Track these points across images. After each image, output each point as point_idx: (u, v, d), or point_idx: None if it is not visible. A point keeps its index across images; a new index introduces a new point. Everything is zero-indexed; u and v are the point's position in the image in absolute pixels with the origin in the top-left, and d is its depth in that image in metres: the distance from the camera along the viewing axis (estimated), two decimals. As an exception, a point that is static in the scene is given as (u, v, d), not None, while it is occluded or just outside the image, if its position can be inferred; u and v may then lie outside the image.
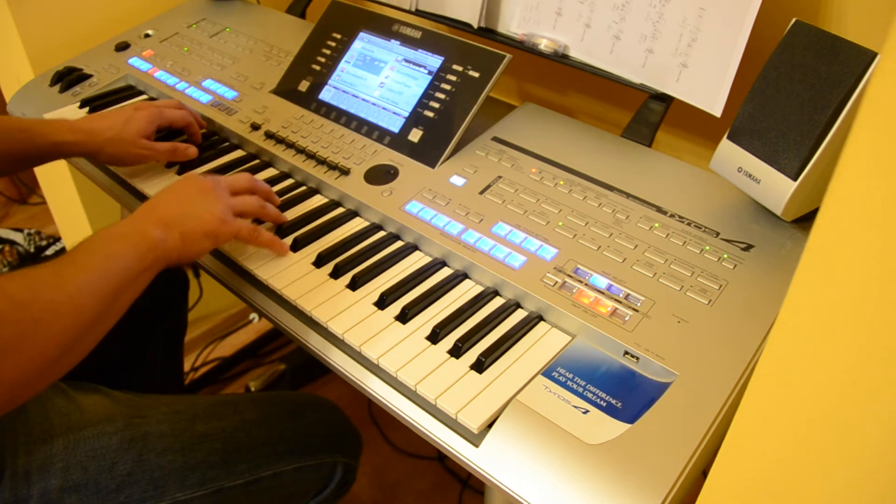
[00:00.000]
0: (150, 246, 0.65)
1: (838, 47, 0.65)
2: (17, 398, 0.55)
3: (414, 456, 1.45)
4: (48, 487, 0.68)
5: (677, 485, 0.53)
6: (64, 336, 0.57)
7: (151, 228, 0.67)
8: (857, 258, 0.32)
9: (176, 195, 0.72)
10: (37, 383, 0.56)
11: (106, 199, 1.09)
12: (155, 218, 0.68)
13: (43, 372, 0.56)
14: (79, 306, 0.58)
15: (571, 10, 0.92)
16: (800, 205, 0.70)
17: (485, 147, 0.88)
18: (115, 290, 0.61)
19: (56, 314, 0.56)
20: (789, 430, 0.38)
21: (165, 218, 0.68)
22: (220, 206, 0.73)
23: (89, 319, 0.59)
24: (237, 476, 0.78)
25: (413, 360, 0.65)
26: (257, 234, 0.76)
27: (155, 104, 0.94)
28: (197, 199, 0.73)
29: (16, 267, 1.87)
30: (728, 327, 0.64)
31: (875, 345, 0.33)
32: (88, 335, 0.60)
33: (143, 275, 0.65)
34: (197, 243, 0.70)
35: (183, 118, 0.95)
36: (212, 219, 0.71)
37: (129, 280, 0.63)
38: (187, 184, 0.75)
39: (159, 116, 0.92)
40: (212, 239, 0.72)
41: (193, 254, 0.70)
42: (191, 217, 0.70)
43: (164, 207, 0.70)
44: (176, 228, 0.68)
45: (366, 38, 0.98)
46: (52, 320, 0.56)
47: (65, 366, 0.58)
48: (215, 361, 1.67)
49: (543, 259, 0.72)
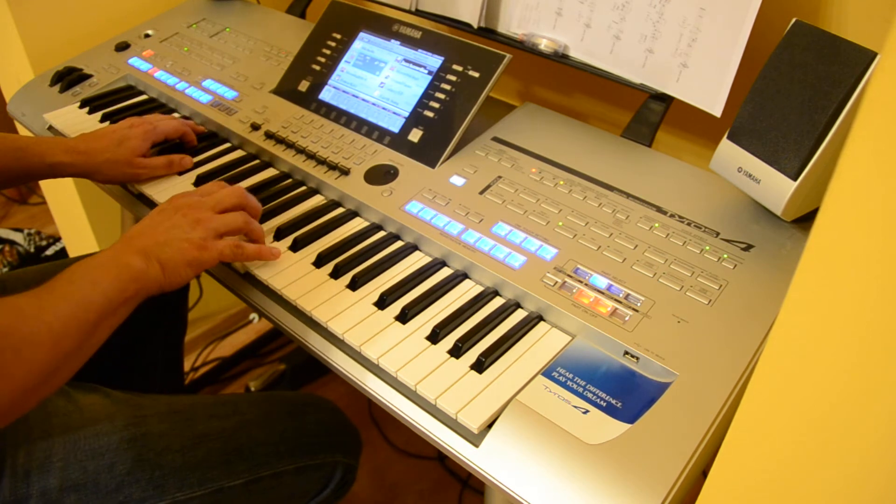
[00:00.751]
0: (131, 277, 0.64)
1: (838, 47, 0.65)
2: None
3: (414, 456, 1.45)
4: (48, 487, 0.68)
5: (677, 485, 0.53)
6: (42, 366, 0.56)
7: (133, 258, 0.65)
8: (857, 258, 0.32)
9: (157, 222, 0.71)
10: (12, 412, 0.56)
11: (106, 200, 1.09)
12: (136, 248, 0.67)
13: (19, 401, 0.55)
14: (58, 336, 0.57)
15: (571, 10, 0.92)
16: (800, 205, 0.70)
17: (485, 147, 0.88)
18: (96, 320, 0.60)
19: (35, 345, 0.56)
20: (789, 430, 0.38)
21: (146, 248, 0.67)
22: (200, 231, 0.71)
23: (68, 349, 0.58)
24: (237, 476, 0.78)
25: (413, 360, 0.65)
26: (241, 251, 0.74)
27: (148, 120, 0.93)
28: (177, 226, 0.71)
29: (16, 267, 1.87)
30: (728, 327, 0.64)
31: (875, 345, 0.33)
32: (67, 365, 0.59)
33: (125, 305, 0.64)
34: (178, 272, 0.69)
35: (177, 129, 0.95)
36: (190, 247, 0.70)
37: (110, 311, 0.62)
38: (169, 208, 0.73)
39: (154, 132, 0.92)
40: (194, 267, 0.70)
41: (176, 282, 0.69)
42: (171, 246, 0.69)
43: (144, 237, 0.69)
44: (156, 258, 0.67)
45: (366, 38, 0.98)
46: (32, 351, 0.55)
47: (45, 392, 0.58)
48: (215, 361, 1.67)
49: (543, 259, 0.72)
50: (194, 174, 0.92)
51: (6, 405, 0.54)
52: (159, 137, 0.93)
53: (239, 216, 0.76)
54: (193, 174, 0.92)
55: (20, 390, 0.55)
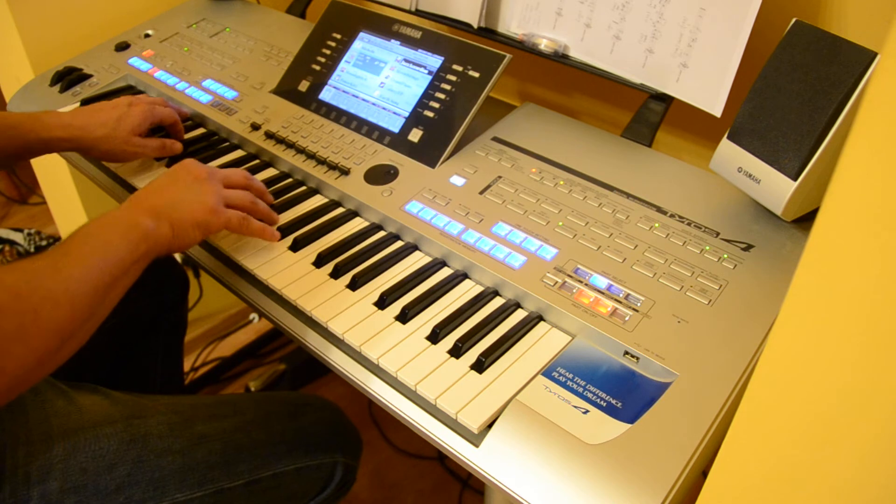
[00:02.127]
0: (141, 236, 0.65)
1: (838, 47, 0.65)
2: (17, 388, 0.56)
3: (414, 456, 1.45)
4: (48, 489, 0.68)
5: (677, 485, 0.53)
6: (62, 326, 0.57)
7: (142, 218, 0.67)
8: (857, 258, 0.32)
9: (168, 183, 0.72)
10: (36, 373, 0.57)
11: (106, 199, 1.09)
12: (146, 207, 0.68)
13: (42, 362, 0.56)
14: (75, 296, 0.58)
15: (571, 10, 0.92)
16: (800, 205, 0.70)
17: (485, 147, 0.88)
18: (110, 280, 0.62)
19: (54, 305, 0.57)
20: (789, 430, 0.38)
21: (156, 207, 0.68)
22: (212, 196, 0.73)
23: (85, 309, 0.59)
24: (237, 476, 0.78)
25: (413, 360, 0.65)
26: (247, 223, 0.76)
27: (147, 100, 0.94)
28: (189, 188, 0.72)
29: (16, 267, 1.87)
30: (728, 327, 0.64)
31: (875, 345, 0.33)
32: (85, 325, 0.60)
33: (136, 264, 0.65)
34: (187, 233, 0.70)
35: (171, 116, 0.96)
36: (202, 208, 0.71)
37: (123, 270, 0.63)
38: (182, 171, 0.74)
39: (152, 114, 0.92)
40: (202, 229, 0.71)
41: (184, 244, 0.70)
42: (181, 206, 0.70)
43: (156, 196, 0.70)
44: (166, 218, 0.68)
45: (366, 38, 0.98)
46: (51, 311, 0.56)
47: (63, 355, 0.59)
48: (215, 361, 1.67)
49: (543, 259, 0.72)
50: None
51: (30, 365, 0.55)
52: (157, 120, 0.94)
53: (246, 195, 0.78)
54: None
55: (41, 351, 0.56)
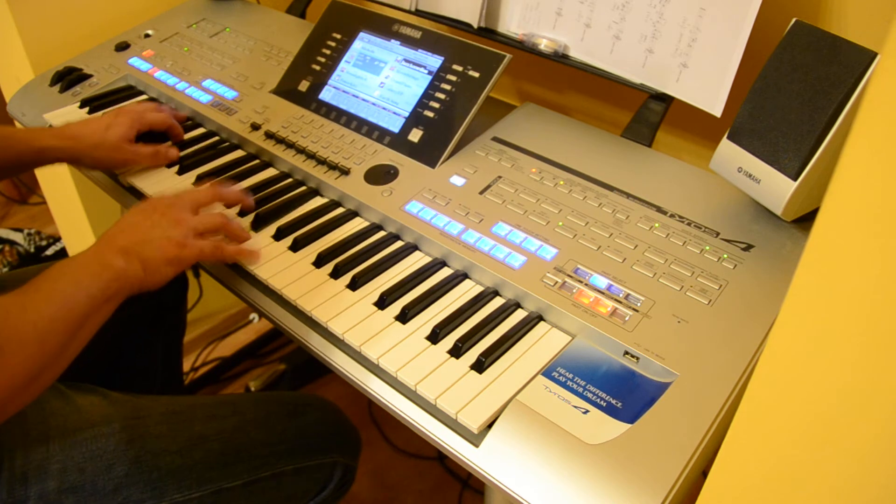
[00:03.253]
0: (112, 276, 0.65)
1: (838, 47, 0.65)
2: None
3: (414, 456, 1.45)
4: (45, 489, 0.68)
5: (677, 485, 0.53)
6: (29, 363, 0.57)
7: (113, 258, 0.66)
8: (857, 258, 0.32)
9: (137, 222, 0.72)
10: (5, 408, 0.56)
11: (106, 199, 1.09)
12: (116, 247, 0.68)
13: (11, 397, 0.56)
14: (43, 334, 0.58)
15: (571, 10, 0.92)
16: (800, 205, 0.70)
17: (485, 147, 0.88)
18: (79, 319, 0.61)
19: (20, 343, 0.56)
20: (789, 430, 0.38)
21: (126, 247, 0.68)
22: (180, 229, 0.72)
23: (53, 348, 0.59)
24: (236, 477, 0.78)
25: (413, 360, 0.65)
26: (221, 251, 0.75)
27: (136, 108, 0.95)
28: (157, 225, 0.72)
29: (16, 267, 1.87)
30: (728, 327, 0.64)
31: (875, 345, 0.33)
32: (54, 363, 0.60)
33: (107, 304, 0.65)
34: (159, 271, 0.69)
35: (164, 121, 0.96)
36: (170, 245, 0.70)
37: (93, 309, 0.63)
38: (149, 208, 0.74)
39: (140, 120, 0.93)
40: (174, 265, 0.71)
41: (156, 281, 0.69)
42: (151, 245, 0.69)
43: (125, 236, 0.69)
44: (136, 256, 0.67)
45: (366, 38, 0.98)
46: (17, 349, 0.56)
47: (33, 391, 0.58)
48: (215, 361, 1.67)
49: (543, 259, 0.72)
50: (195, 174, 0.92)
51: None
52: (145, 126, 0.94)
53: (217, 216, 0.77)
54: (194, 174, 0.92)
55: (7, 389, 0.55)
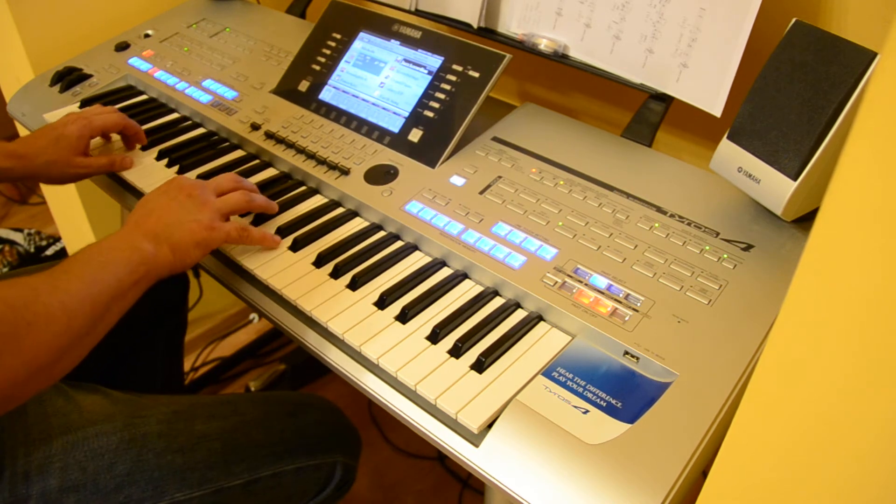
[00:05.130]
0: (141, 259, 0.66)
1: (838, 47, 0.65)
2: (9, 400, 0.55)
3: (414, 456, 1.45)
4: (47, 487, 0.68)
5: (677, 485, 0.53)
6: (56, 341, 0.57)
7: (142, 242, 0.67)
8: (857, 258, 0.32)
9: (163, 205, 0.72)
10: (29, 387, 0.57)
11: (106, 199, 1.09)
12: (144, 231, 0.68)
13: (35, 375, 0.56)
14: (71, 313, 0.58)
15: (571, 10, 0.92)
16: (800, 205, 0.70)
17: (485, 147, 0.88)
18: (107, 300, 0.62)
19: (49, 319, 0.57)
20: (789, 430, 0.38)
21: (155, 231, 0.69)
22: (207, 212, 0.73)
23: (81, 327, 0.59)
24: (236, 476, 0.78)
25: (413, 359, 0.65)
26: (248, 234, 0.76)
27: (82, 114, 0.92)
28: (183, 207, 0.72)
29: (16, 267, 1.87)
30: (728, 327, 0.64)
31: (875, 345, 0.33)
32: (80, 343, 0.60)
33: (135, 287, 0.65)
34: (188, 254, 0.70)
35: (116, 123, 0.93)
36: (200, 227, 0.71)
37: (121, 291, 0.63)
38: (174, 191, 0.74)
39: (89, 128, 0.90)
40: (202, 247, 0.72)
41: (185, 264, 0.70)
42: (180, 228, 0.70)
43: (153, 219, 0.70)
44: (166, 241, 0.68)
45: (366, 38, 0.98)
46: (45, 325, 0.56)
47: (57, 372, 0.59)
48: (215, 361, 1.67)
49: (543, 259, 0.72)
50: (195, 174, 0.92)
51: (22, 377, 0.55)
52: (96, 132, 0.91)
53: (241, 195, 0.78)
54: (194, 174, 0.92)
55: (33, 365, 0.56)
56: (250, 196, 0.79)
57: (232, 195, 0.77)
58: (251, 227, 0.77)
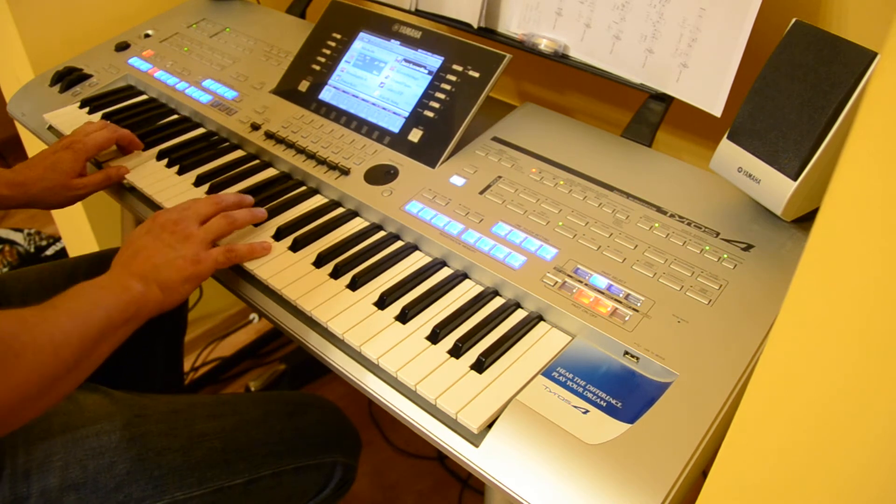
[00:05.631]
0: (131, 298, 0.65)
1: (838, 47, 0.65)
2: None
3: (414, 456, 1.45)
4: (47, 486, 0.68)
5: (677, 485, 0.53)
6: (43, 373, 0.57)
7: (132, 282, 0.67)
8: (857, 258, 0.32)
9: (148, 245, 0.72)
10: (14, 417, 0.57)
11: (106, 200, 1.09)
12: (132, 272, 0.68)
13: (21, 406, 0.56)
14: (59, 346, 0.58)
15: (571, 10, 0.92)
16: (800, 205, 0.70)
17: (485, 147, 0.88)
18: (96, 336, 0.62)
19: (37, 350, 0.57)
20: (789, 430, 0.38)
21: (142, 271, 0.68)
22: (192, 246, 0.73)
23: (68, 361, 0.59)
24: (236, 476, 0.78)
25: (413, 360, 0.65)
26: (235, 254, 0.75)
27: (75, 137, 0.91)
28: (168, 245, 0.72)
29: (15, 267, 1.87)
30: (728, 327, 0.64)
31: (875, 344, 0.33)
32: (66, 377, 0.60)
33: (125, 326, 0.65)
34: (177, 290, 0.70)
35: (108, 139, 0.93)
36: (186, 263, 0.71)
37: (111, 328, 0.63)
38: (157, 229, 0.74)
39: (84, 150, 0.90)
40: (192, 282, 0.71)
41: (176, 301, 0.70)
42: (167, 267, 0.70)
43: (140, 261, 0.70)
44: (154, 281, 0.68)
45: (366, 38, 0.98)
46: (33, 356, 0.56)
47: (43, 404, 0.58)
48: (215, 361, 1.67)
49: (543, 259, 0.72)
50: (195, 174, 0.92)
51: (5, 409, 0.55)
52: (91, 152, 0.91)
53: (222, 219, 0.77)
54: (194, 174, 0.92)
55: (20, 395, 0.55)
56: (232, 217, 0.78)
57: (213, 221, 0.76)
58: (237, 247, 0.76)
